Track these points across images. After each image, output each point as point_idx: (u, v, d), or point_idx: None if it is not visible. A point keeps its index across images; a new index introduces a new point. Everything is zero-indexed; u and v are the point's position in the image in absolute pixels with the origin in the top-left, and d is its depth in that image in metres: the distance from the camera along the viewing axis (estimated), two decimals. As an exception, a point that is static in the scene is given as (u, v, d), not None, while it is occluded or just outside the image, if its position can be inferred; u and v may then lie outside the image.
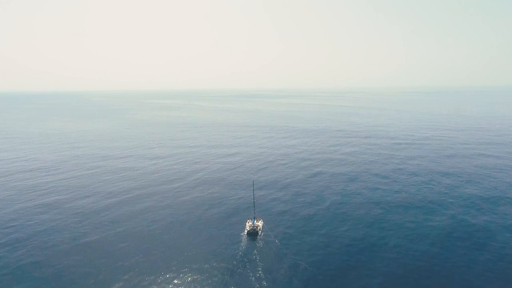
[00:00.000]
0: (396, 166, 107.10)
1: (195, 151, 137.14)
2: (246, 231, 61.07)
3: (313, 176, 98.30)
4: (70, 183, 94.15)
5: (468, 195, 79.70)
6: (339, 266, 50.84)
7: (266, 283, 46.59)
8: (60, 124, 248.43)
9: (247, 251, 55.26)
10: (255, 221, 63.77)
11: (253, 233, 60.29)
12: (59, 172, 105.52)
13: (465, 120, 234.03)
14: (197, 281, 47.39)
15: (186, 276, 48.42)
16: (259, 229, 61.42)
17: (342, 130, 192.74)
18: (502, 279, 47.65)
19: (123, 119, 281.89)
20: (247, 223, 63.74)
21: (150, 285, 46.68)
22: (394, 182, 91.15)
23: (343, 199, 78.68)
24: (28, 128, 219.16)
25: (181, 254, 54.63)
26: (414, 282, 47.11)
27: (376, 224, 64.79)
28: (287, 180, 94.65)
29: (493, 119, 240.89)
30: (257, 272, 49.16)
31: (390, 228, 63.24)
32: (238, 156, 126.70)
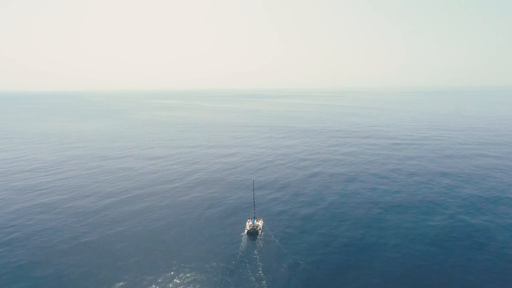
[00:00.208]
0: (395, 166, 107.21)
1: (195, 151, 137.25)
2: (246, 231, 61.15)
3: (312, 176, 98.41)
4: (70, 183, 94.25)
5: (467, 195, 79.80)
6: (339, 266, 50.94)
7: (266, 283, 46.69)
8: (60, 124, 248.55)
9: (247, 250, 55.35)
10: (255, 220, 63.87)
11: (253, 232, 60.38)
12: (59, 172, 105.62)
13: (464, 120, 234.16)
14: (197, 280, 47.48)
15: (186, 276, 48.51)
16: (259, 228, 61.52)
17: (341, 130, 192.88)
18: (501, 278, 47.74)
19: (123, 119, 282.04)
20: (247, 222, 63.83)
21: (150, 284, 46.76)
22: (393, 182, 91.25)
23: (342, 199, 78.79)
24: (28, 128, 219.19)
25: (181, 253, 54.73)
26: (413, 282, 47.21)
27: (375, 224, 64.89)
28: (287, 180, 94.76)
29: (493, 119, 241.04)
30: (257, 271, 49.26)
31: (389, 228, 63.33)
32: (237, 156, 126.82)
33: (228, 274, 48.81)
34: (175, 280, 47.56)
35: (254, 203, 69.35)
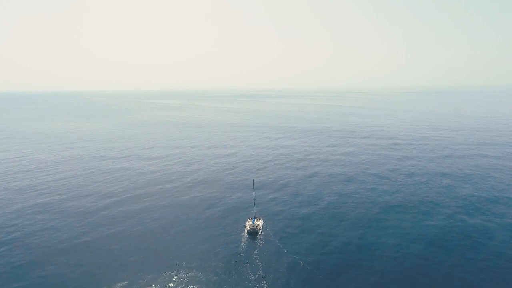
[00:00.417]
0: (395, 166, 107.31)
1: (195, 151, 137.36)
2: (246, 231, 61.27)
3: (312, 175, 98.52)
4: (70, 182, 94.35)
5: (467, 195, 79.90)
6: (338, 265, 51.04)
7: (266, 282, 46.80)
8: (60, 124, 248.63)
9: (247, 250, 55.46)
10: (255, 220, 63.98)
11: (253, 232, 60.49)
12: (58, 172, 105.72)
13: (464, 120, 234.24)
14: (197, 280, 47.58)
15: (186, 275, 48.62)
16: (259, 228, 61.63)
17: (341, 130, 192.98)
18: (501, 278, 47.85)
19: (123, 119, 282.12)
20: (247, 222, 63.94)
21: (150, 284, 46.87)
22: (392, 182, 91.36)
23: (341, 198, 78.89)
24: (28, 128, 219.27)
25: (181, 253, 54.83)
26: (413, 281, 47.31)
27: (375, 224, 65.00)
28: (286, 179, 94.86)
29: (492, 119, 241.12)
30: (257, 271, 49.37)
31: (388, 227, 63.43)
32: (237, 156, 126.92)
33: (228, 273, 48.91)
34: (175, 280, 47.67)
35: (254, 203, 69.45)
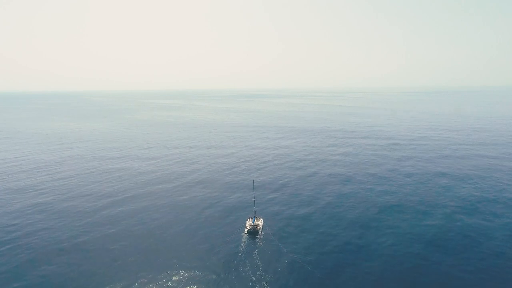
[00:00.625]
0: (394, 166, 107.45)
1: (194, 151, 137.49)
2: (246, 230, 61.42)
3: (311, 175, 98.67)
4: (69, 182, 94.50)
5: (465, 195, 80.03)
6: (337, 265, 51.20)
7: (266, 281, 46.95)
8: (60, 124, 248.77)
9: (247, 249, 55.62)
10: (255, 220, 64.12)
11: (253, 232, 60.64)
12: (58, 172, 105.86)
13: (464, 120, 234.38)
14: (197, 279, 47.72)
15: (186, 275, 48.74)
16: (259, 228, 61.78)
17: (341, 130, 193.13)
18: (499, 277, 47.98)
19: (123, 119, 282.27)
20: (247, 222, 64.09)
21: (150, 283, 46.99)
22: (391, 182, 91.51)
23: (340, 198, 79.06)
24: (28, 128, 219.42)
25: (180, 253, 54.98)
26: (411, 281, 47.45)
27: (373, 224, 65.17)
28: (286, 179, 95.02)
29: (492, 119, 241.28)
30: (257, 270, 49.52)
31: (387, 227, 63.58)
32: (237, 156, 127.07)
33: (228, 272, 49.06)
34: (175, 279, 47.81)
35: (254, 202, 69.58)
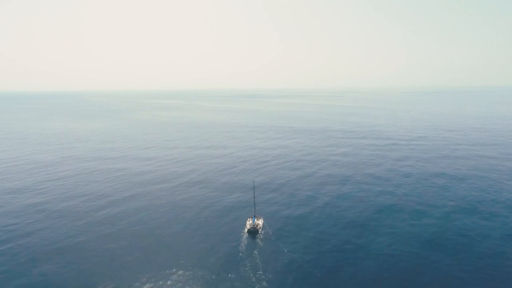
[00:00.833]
0: (393, 166, 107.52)
1: (194, 151, 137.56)
2: (246, 230, 61.55)
3: (310, 175, 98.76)
4: (69, 182, 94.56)
5: (464, 195, 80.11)
6: (336, 264, 51.29)
7: (265, 280, 47.03)
8: (60, 124, 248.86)
9: (248, 249, 55.73)
10: (255, 219, 64.24)
11: (253, 231, 60.76)
12: (57, 172, 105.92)
13: (464, 120, 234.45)
14: (197, 278, 47.80)
15: (186, 274, 48.82)
16: (260, 227, 61.90)
17: (340, 130, 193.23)
18: (498, 277, 48.04)
19: (123, 119, 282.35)
20: (247, 221, 64.21)
21: (150, 282, 47.05)
22: (389, 182, 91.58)
23: (339, 198, 79.15)
24: (28, 128, 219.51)
25: (180, 252, 55.06)
26: (409, 280, 47.51)
27: (372, 223, 65.25)
28: (285, 179, 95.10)
29: (492, 119, 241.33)
30: (256, 269, 49.60)
31: (385, 227, 63.66)
32: (237, 156, 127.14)
33: (228, 272, 49.15)
34: (175, 278, 47.88)
35: (254, 202, 69.68)
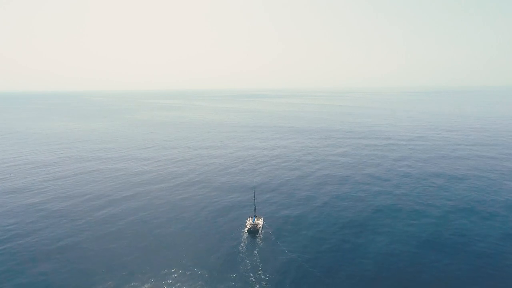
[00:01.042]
0: (391, 166, 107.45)
1: (193, 151, 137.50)
2: (246, 229, 61.51)
3: (309, 175, 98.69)
4: (69, 182, 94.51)
5: (462, 195, 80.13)
6: (335, 263, 51.32)
7: (265, 279, 47.04)
8: (60, 124, 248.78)
9: (248, 248, 55.72)
10: (255, 219, 64.19)
11: (253, 231, 60.74)
12: (57, 171, 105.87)
13: (463, 120, 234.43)
14: (198, 277, 47.76)
15: (186, 273, 48.81)
16: (260, 227, 61.87)
17: (340, 130, 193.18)
18: (497, 276, 48.02)
19: (123, 119, 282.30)
20: (247, 221, 64.18)
21: (149, 282, 47.00)
22: (388, 182, 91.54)
23: (338, 198, 79.18)
24: (28, 128, 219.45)
25: (180, 251, 55.01)
26: (408, 280, 47.53)
27: (370, 223, 65.28)
28: (285, 179, 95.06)
29: (492, 119, 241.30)
30: (257, 268, 49.61)
31: (384, 226, 63.68)
32: (236, 156, 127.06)
33: (229, 271, 49.15)
34: (175, 277, 47.87)
35: (254, 202, 69.62)
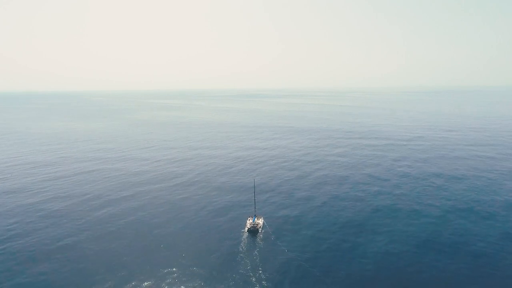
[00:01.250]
0: (390, 166, 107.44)
1: (193, 151, 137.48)
2: (246, 229, 61.51)
3: (308, 175, 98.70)
4: (68, 181, 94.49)
5: (462, 195, 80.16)
6: (334, 263, 51.37)
7: (265, 279, 47.06)
8: (60, 124, 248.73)
9: (248, 248, 55.74)
10: (255, 219, 64.20)
11: (253, 230, 60.76)
12: (57, 171, 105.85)
13: (463, 120, 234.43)
14: (198, 277, 47.78)
15: (186, 273, 48.82)
16: (260, 227, 61.90)
17: (339, 130, 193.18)
18: (495, 276, 48.03)
19: (123, 119, 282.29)
20: (247, 220, 64.21)
21: (149, 281, 47.01)
22: (388, 182, 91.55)
23: (337, 198, 79.25)
24: (28, 128, 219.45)
25: (180, 251, 55.02)
26: (407, 280, 47.58)
27: (370, 223, 65.35)
28: (285, 179, 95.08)
29: (491, 119, 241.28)
30: (257, 268, 49.64)
31: (383, 226, 63.72)
32: (236, 156, 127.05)
33: (229, 270, 49.16)
34: (176, 277, 47.90)
35: (254, 201, 69.60)
